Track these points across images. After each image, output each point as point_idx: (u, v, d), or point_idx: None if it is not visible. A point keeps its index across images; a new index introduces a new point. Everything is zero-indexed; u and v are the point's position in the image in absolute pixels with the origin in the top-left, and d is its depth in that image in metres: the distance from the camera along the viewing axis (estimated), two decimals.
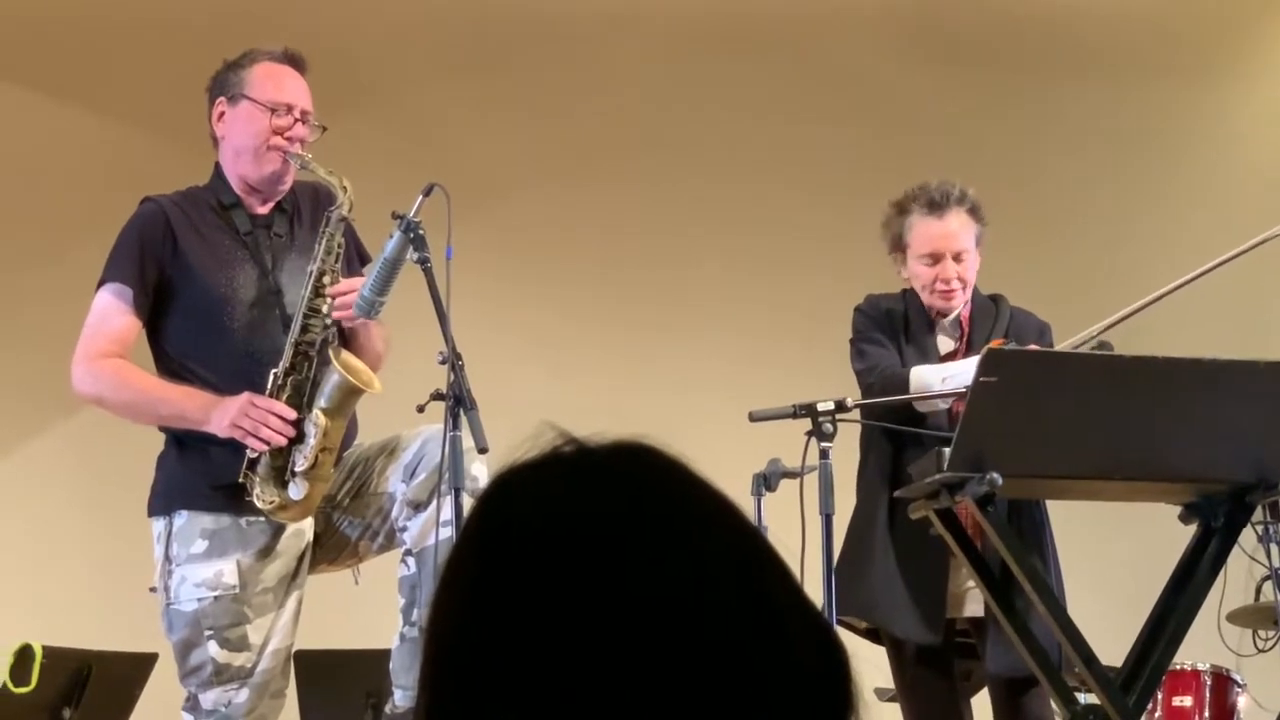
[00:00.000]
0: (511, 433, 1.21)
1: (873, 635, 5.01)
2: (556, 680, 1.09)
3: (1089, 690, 4.61)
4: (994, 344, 4.73)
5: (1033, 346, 4.81)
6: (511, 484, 1.17)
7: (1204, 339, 5.30)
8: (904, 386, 4.79)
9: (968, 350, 4.96)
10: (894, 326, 5.03)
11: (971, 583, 4.78)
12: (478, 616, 1.12)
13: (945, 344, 5.03)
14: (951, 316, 5.04)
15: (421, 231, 4.25)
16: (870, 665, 1.20)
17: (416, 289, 4.30)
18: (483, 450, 4.11)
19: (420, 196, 4.28)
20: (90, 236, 5.07)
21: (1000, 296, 5.13)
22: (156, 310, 4.43)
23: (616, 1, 7.84)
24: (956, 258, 4.98)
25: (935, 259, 4.98)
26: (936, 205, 5.00)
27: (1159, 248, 7.90)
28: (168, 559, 4.38)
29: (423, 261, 4.25)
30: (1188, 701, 5.67)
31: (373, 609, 4.75)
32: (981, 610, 4.84)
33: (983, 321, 5.05)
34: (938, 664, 4.93)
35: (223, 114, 4.51)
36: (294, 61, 4.54)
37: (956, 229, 5.00)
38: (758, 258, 7.83)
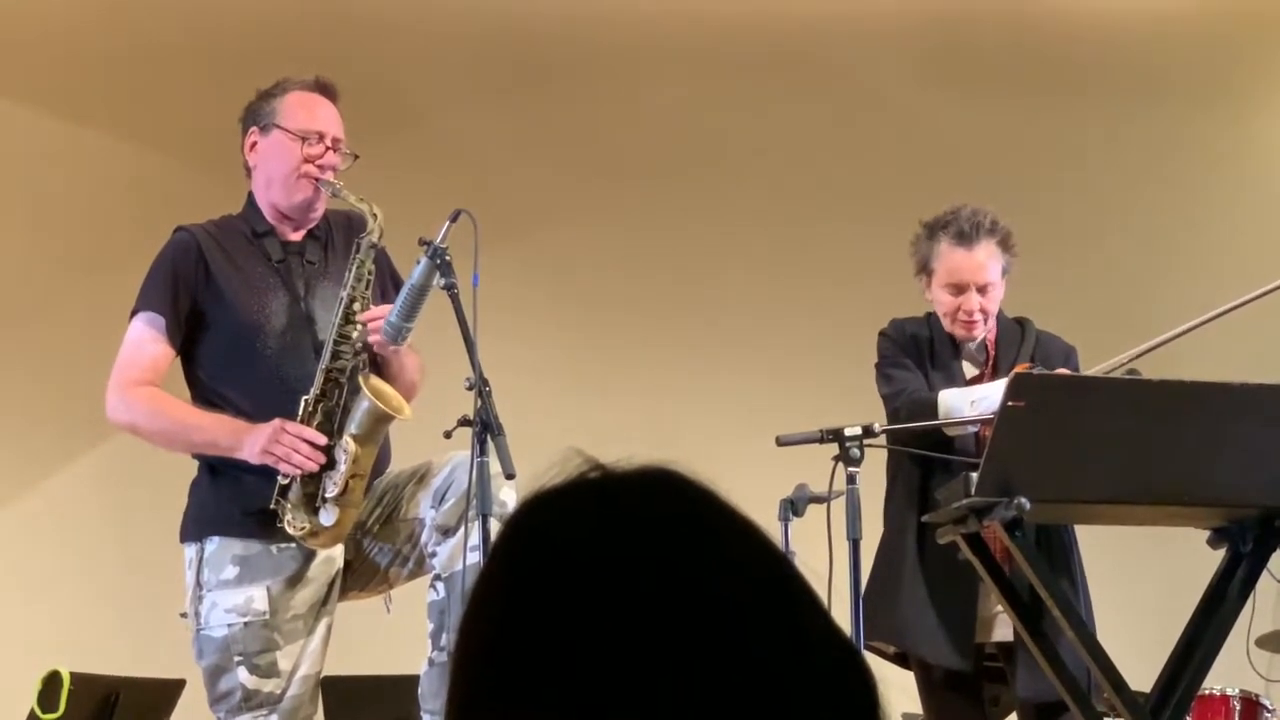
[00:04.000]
0: (538, 459, 1.21)
1: (901, 660, 5.00)
2: (584, 706, 1.09)
3: (1118, 716, 4.60)
4: (1020, 368, 4.73)
5: (1061, 371, 4.80)
6: (538, 510, 1.17)
7: (1231, 363, 5.29)
8: (932, 411, 4.79)
9: (993, 374, 4.95)
10: (919, 351, 5.03)
11: (1000, 607, 4.76)
12: (505, 642, 1.12)
13: (970, 369, 5.03)
14: (977, 341, 5.03)
15: (448, 258, 4.26)
16: (898, 691, 1.21)
17: (444, 316, 4.31)
18: (509, 476, 4.12)
19: (447, 223, 4.29)
20: (124, 265, 5.10)
21: (1026, 320, 5.12)
22: (190, 338, 4.45)
23: (645, 30, 7.86)
24: (981, 290, 4.97)
25: (960, 289, 4.97)
26: (965, 236, 4.97)
27: (1182, 268, 7.90)
28: (199, 585, 4.39)
29: (450, 288, 4.26)
30: None
31: (401, 635, 4.75)
32: (1010, 635, 4.82)
33: (1008, 345, 5.04)
34: (966, 689, 4.92)
35: (255, 143, 4.54)
36: (325, 90, 4.56)
37: (983, 260, 4.97)
38: (785, 283, 7.84)
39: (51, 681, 5.74)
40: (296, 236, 4.55)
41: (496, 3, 7.74)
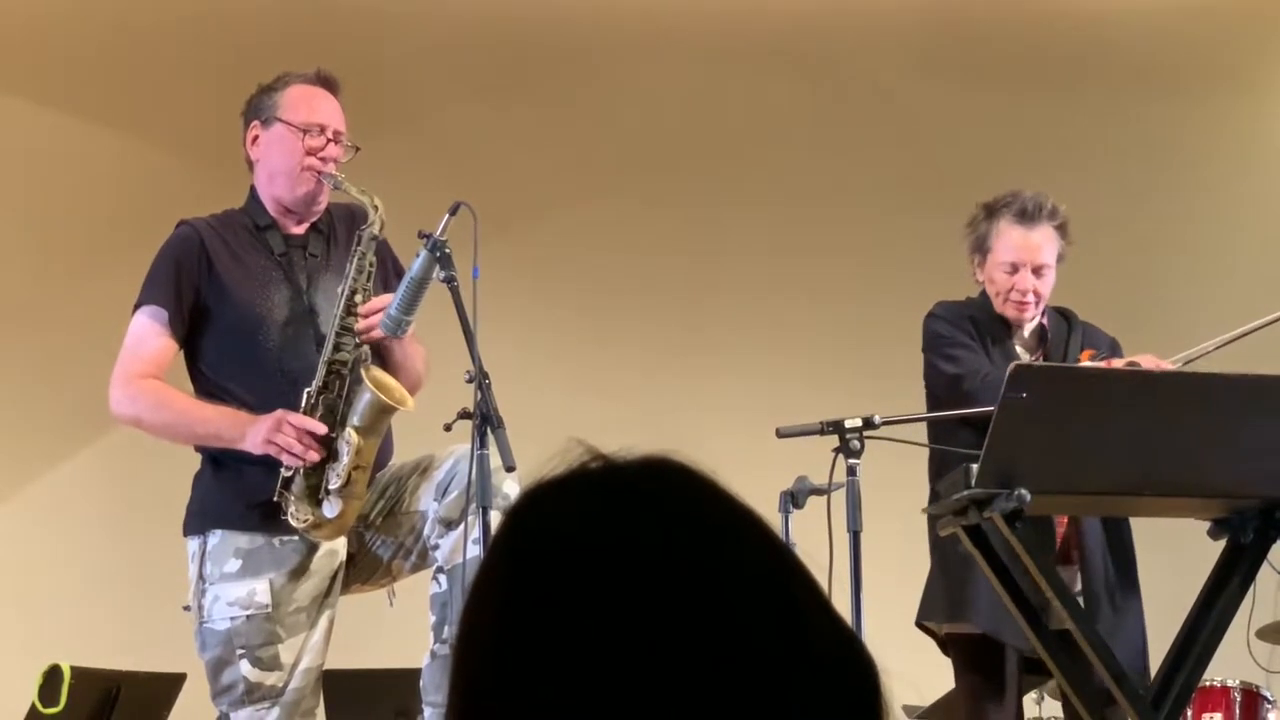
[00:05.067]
0: (539, 451, 1.21)
1: (942, 644, 5.02)
2: (586, 696, 1.09)
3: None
4: (1085, 355, 4.76)
5: (1116, 362, 4.80)
6: (539, 500, 1.17)
7: (1231, 354, 5.28)
8: None
9: (1045, 360, 4.96)
10: (977, 331, 5.02)
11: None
12: (506, 632, 1.13)
13: (1023, 352, 5.03)
14: (1032, 324, 5.04)
15: (448, 250, 4.26)
16: (900, 680, 1.21)
17: (444, 309, 4.31)
18: (510, 469, 4.12)
19: (447, 216, 4.29)
20: (126, 259, 5.10)
21: (1070, 311, 5.14)
22: (192, 331, 4.46)
23: (645, 23, 7.85)
24: (1036, 271, 4.98)
25: (1015, 269, 4.98)
26: (1027, 215, 5.00)
27: (1184, 259, 7.91)
28: (201, 578, 4.40)
29: (449, 280, 4.26)
30: (1218, 718, 5.65)
31: (403, 627, 4.76)
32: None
33: (1058, 333, 5.06)
34: (1003, 674, 4.90)
35: (257, 137, 4.54)
36: (326, 83, 4.57)
37: (1041, 242, 5.00)
38: (786, 274, 7.84)
39: (52, 676, 5.74)
40: (299, 230, 4.56)
41: None
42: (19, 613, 7.07)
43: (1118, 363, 4.83)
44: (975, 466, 4.30)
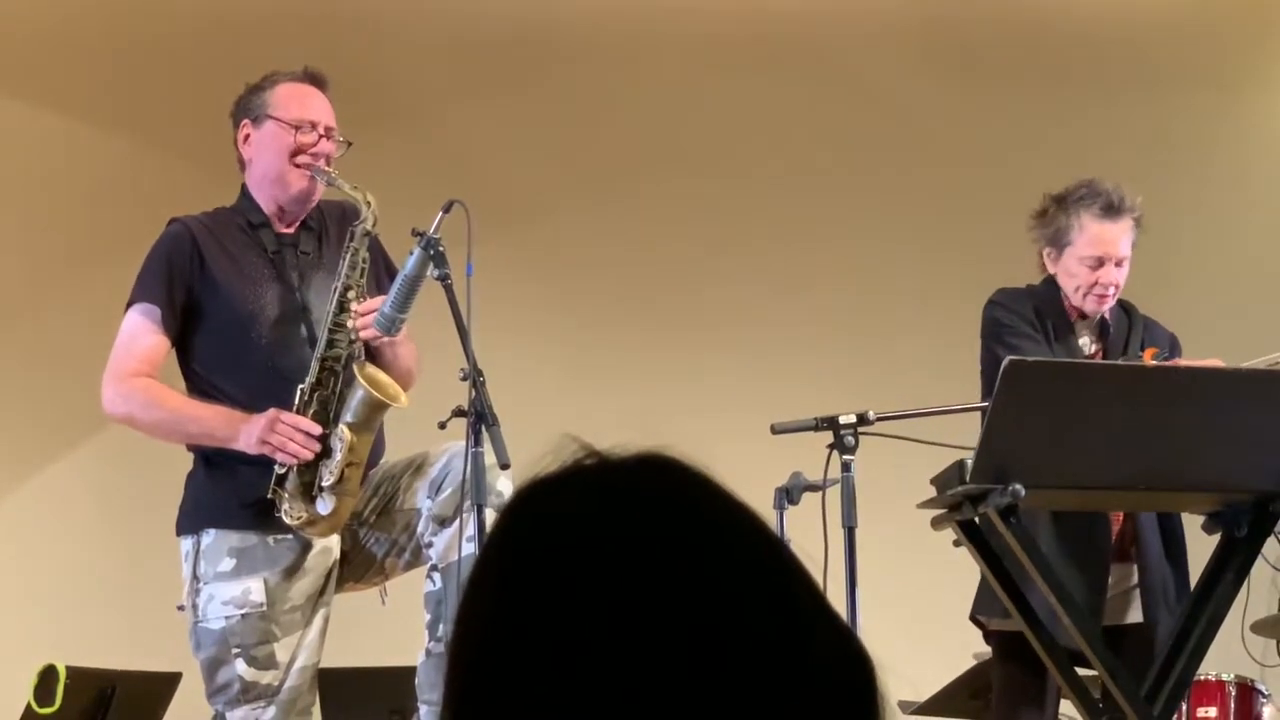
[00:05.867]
0: (534, 448, 1.21)
1: (987, 635, 5.02)
2: (581, 693, 1.09)
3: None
4: (1147, 354, 4.74)
5: (1184, 361, 4.78)
6: (534, 498, 1.17)
7: (1230, 346, 5.28)
8: None
9: (1105, 355, 4.93)
10: (1041, 323, 4.98)
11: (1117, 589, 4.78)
12: (501, 631, 1.12)
13: (1086, 345, 5.00)
14: (1095, 319, 5.01)
15: (442, 248, 4.26)
16: (896, 676, 1.21)
17: (438, 306, 4.31)
18: (504, 466, 4.12)
19: (440, 213, 4.29)
20: (118, 257, 5.10)
21: (1131, 304, 5.10)
22: (185, 329, 4.45)
23: (640, 21, 7.85)
24: (1118, 264, 4.96)
25: (1100, 262, 4.94)
26: (1114, 209, 4.95)
27: (1181, 257, 7.90)
28: (195, 577, 4.39)
29: (443, 278, 4.27)
30: (1212, 712, 5.65)
31: (398, 626, 4.76)
32: (1129, 618, 4.85)
33: (1120, 327, 5.03)
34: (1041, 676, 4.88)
35: (248, 136, 4.54)
36: (315, 80, 4.57)
37: (1122, 235, 4.96)
38: (780, 271, 7.84)
39: (47, 675, 5.73)
40: (291, 228, 4.56)
41: None
42: (14, 612, 7.06)
43: (1180, 363, 4.81)
44: (969, 461, 4.30)
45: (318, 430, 4.30)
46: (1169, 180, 8.06)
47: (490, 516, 4.12)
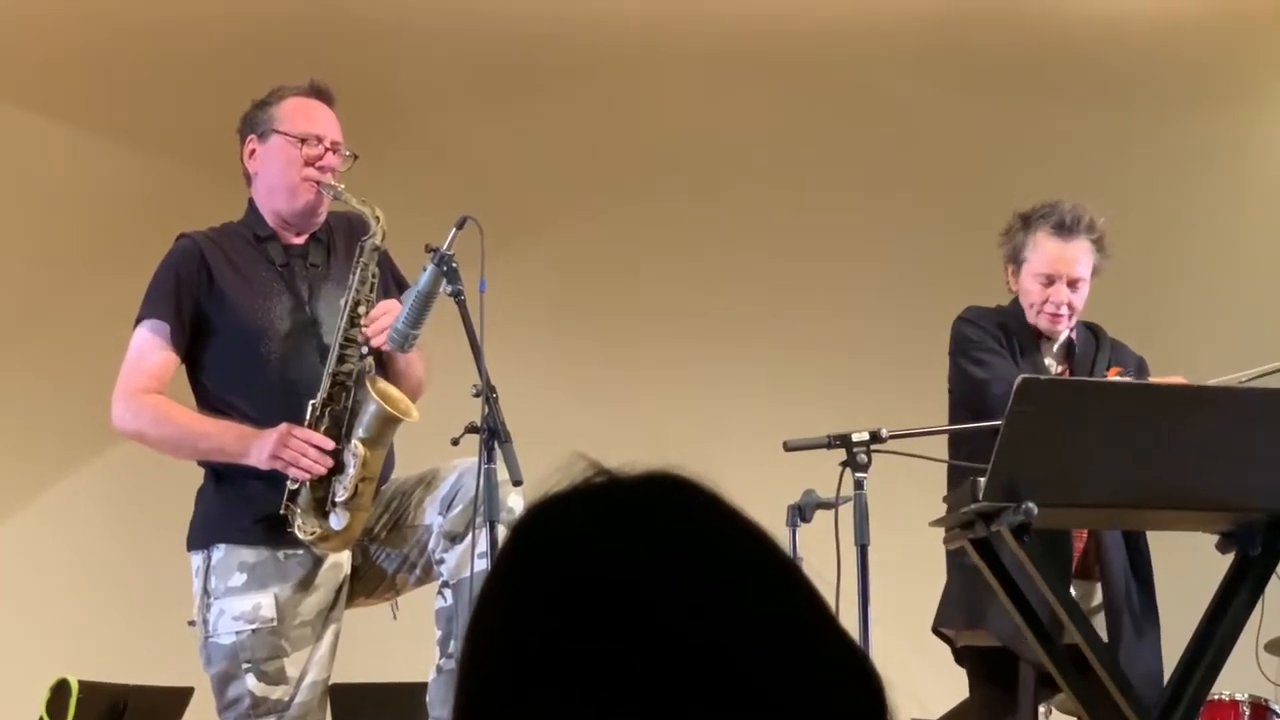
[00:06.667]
0: (546, 465, 1.21)
1: (957, 653, 5.02)
2: (590, 710, 1.09)
3: None
4: (1111, 373, 4.74)
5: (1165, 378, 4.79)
6: (543, 516, 1.17)
7: (1240, 369, 5.27)
8: None
9: (1071, 374, 4.95)
10: (1006, 339, 5.01)
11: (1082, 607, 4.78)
12: (510, 648, 1.12)
13: (1052, 364, 5.02)
14: (1061, 339, 5.03)
15: (455, 264, 4.26)
16: (906, 694, 1.20)
17: (450, 321, 4.31)
18: (517, 483, 4.12)
19: (453, 229, 4.29)
20: (127, 271, 5.11)
21: (1098, 327, 5.13)
22: (194, 344, 4.46)
23: (651, 36, 7.86)
24: (1072, 284, 4.98)
25: (1051, 280, 4.98)
26: (1065, 228, 5.00)
27: (1183, 269, 7.91)
28: (206, 592, 4.39)
29: (456, 294, 4.27)
30: None
31: (409, 642, 4.75)
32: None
33: (1086, 348, 5.05)
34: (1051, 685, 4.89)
35: (254, 151, 4.55)
36: (321, 94, 4.58)
37: (1077, 255, 5.00)
38: (792, 287, 7.84)
39: (60, 690, 5.74)
40: (299, 240, 4.56)
41: (500, 7, 7.74)
42: (26, 626, 7.07)
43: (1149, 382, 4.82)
44: (983, 480, 4.29)
45: (330, 445, 4.30)
46: (1169, 191, 8.07)
47: (502, 533, 4.12)
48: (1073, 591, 4.71)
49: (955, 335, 5.08)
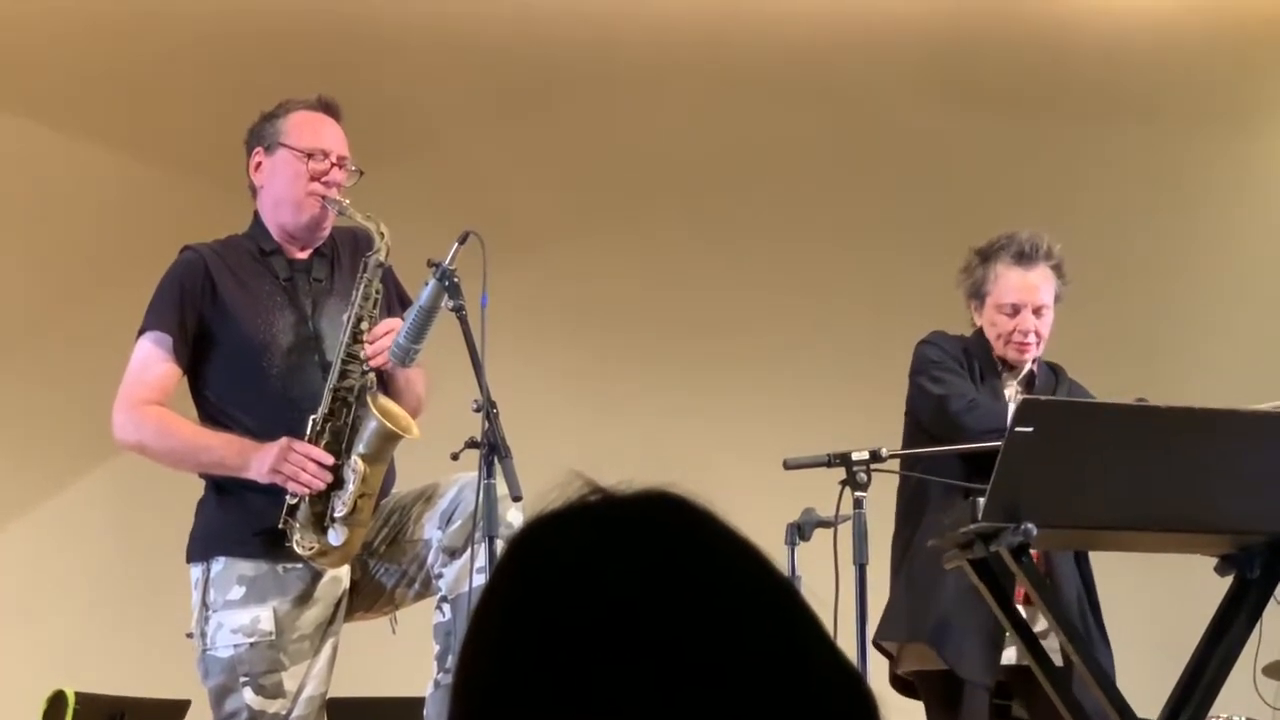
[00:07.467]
0: (546, 481, 1.21)
1: (893, 677, 5.01)
2: None
3: None
4: None
5: None
6: (538, 533, 1.17)
7: (1239, 389, 5.28)
8: (1003, 419, 4.68)
9: None
10: (968, 365, 5.03)
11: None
12: (505, 664, 1.12)
13: (1011, 393, 5.03)
14: (1023, 371, 5.04)
15: (457, 279, 4.27)
16: (901, 715, 1.20)
17: (451, 336, 4.31)
18: (516, 498, 4.12)
19: (455, 244, 4.30)
20: (130, 281, 5.11)
21: (1059, 366, 5.15)
22: (197, 357, 4.46)
23: (651, 50, 7.87)
24: (1036, 311, 5.00)
25: (1016, 310, 5.00)
26: (1025, 257, 5.02)
27: (1185, 288, 7.91)
28: (205, 605, 4.39)
29: (458, 309, 4.27)
30: None
31: (407, 656, 4.75)
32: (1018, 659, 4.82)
33: (1046, 383, 5.07)
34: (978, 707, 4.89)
35: (260, 164, 4.55)
36: (329, 109, 4.58)
37: (1040, 282, 5.02)
38: (793, 306, 7.84)
39: (57, 701, 5.73)
40: (303, 255, 4.57)
41: (504, 23, 7.75)
42: (24, 637, 7.06)
43: None
44: (982, 500, 4.29)
45: (330, 460, 4.30)
46: (1171, 209, 8.07)
47: (501, 549, 4.12)
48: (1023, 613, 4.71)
49: (917, 356, 5.12)
